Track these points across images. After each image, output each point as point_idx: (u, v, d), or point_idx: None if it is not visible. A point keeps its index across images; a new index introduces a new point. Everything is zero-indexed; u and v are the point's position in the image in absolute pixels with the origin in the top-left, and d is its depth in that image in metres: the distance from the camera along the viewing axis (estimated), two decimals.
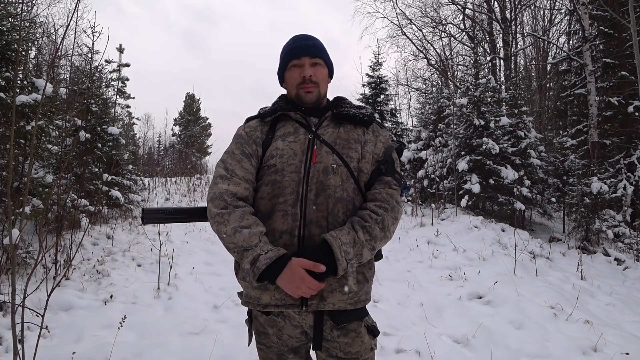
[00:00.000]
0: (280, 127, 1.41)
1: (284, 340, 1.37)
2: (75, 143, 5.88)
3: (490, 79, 9.94)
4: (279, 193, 1.29)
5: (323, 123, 1.40)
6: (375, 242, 1.27)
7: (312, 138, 1.35)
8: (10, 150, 2.10)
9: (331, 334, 1.32)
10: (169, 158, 21.75)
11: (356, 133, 1.38)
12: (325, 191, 1.28)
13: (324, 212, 1.27)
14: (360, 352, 1.33)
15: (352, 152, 1.34)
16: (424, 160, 10.30)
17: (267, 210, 1.30)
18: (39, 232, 4.04)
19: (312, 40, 1.42)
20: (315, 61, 1.40)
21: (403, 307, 3.98)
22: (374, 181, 1.35)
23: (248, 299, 1.34)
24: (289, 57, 1.41)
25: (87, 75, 7.24)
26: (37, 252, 3.30)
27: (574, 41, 12.85)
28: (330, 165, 1.31)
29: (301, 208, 1.26)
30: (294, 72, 1.40)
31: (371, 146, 1.38)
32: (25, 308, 2.15)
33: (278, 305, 1.27)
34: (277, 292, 1.26)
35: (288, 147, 1.34)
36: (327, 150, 1.33)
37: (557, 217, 10.17)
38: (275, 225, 1.27)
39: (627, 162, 8.99)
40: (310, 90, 1.38)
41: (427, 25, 18.40)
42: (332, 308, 1.27)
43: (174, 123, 28.42)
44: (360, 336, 1.33)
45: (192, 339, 3.20)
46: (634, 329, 3.77)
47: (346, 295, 1.27)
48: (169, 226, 7.06)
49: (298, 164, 1.31)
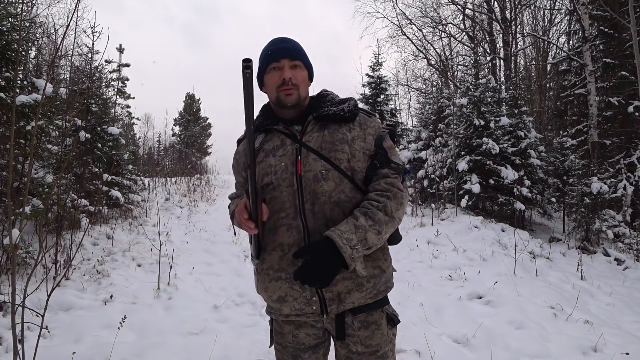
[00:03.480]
0: (268, 141, 1.41)
1: (300, 338, 1.39)
2: (75, 143, 5.88)
3: (490, 79, 9.94)
4: (280, 208, 1.31)
5: (307, 129, 1.38)
6: (380, 226, 1.26)
7: (299, 147, 1.34)
8: (10, 150, 2.10)
9: (352, 325, 1.34)
10: (169, 158, 21.73)
11: (341, 132, 1.36)
12: (319, 198, 1.29)
13: (323, 220, 1.29)
14: (380, 344, 1.35)
15: (339, 153, 1.33)
16: (424, 160, 10.29)
17: (271, 226, 1.33)
18: (39, 232, 4.05)
19: (290, 43, 1.40)
20: (295, 63, 1.38)
21: (403, 307, 3.97)
22: (371, 176, 1.35)
23: (270, 310, 1.42)
24: (268, 60, 1.38)
25: (87, 75, 7.24)
26: (37, 252, 3.30)
27: (574, 41, 12.85)
28: (320, 171, 1.31)
29: (302, 220, 1.29)
30: (274, 74, 1.37)
31: (360, 142, 1.36)
32: (25, 308, 2.15)
33: (298, 315, 1.33)
34: (296, 302, 1.30)
35: (279, 162, 1.34)
36: (314, 157, 1.32)
37: (557, 217, 10.16)
38: (282, 239, 1.31)
39: (627, 162, 8.99)
40: (290, 93, 1.36)
41: (427, 25, 18.39)
42: (352, 306, 1.31)
43: (174, 123, 28.40)
44: (381, 328, 1.36)
45: (192, 339, 3.20)
46: (634, 329, 3.77)
47: (364, 292, 1.30)
48: (169, 226, 7.07)
49: (290, 177, 1.32)
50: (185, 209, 8.94)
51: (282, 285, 1.31)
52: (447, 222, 7.50)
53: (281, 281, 1.31)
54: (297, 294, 1.30)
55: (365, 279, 1.30)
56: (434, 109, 11.08)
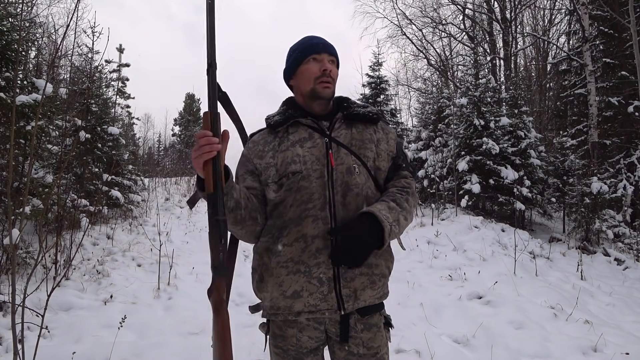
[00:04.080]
0: (293, 133, 1.39)
1: (303, 342, 1.37)
2: (75, 143, 5.88)
3: (490, 79, 9.93)
4: (308, 199, 1.30)
5: (335, 125, 1.40)
6: (406, 213, 1.32)
7: (329, 141, 1.36)
8: (10, 150, 2.10)
9: (355, 328, 1.34)
10: (169, 158, 21.76)
11: (368, 133, 1.41)
12: (352, 190, 1.31)
13: (354, 211, 1.29)
14: (380, 346, 1.37)
15: (367, 151, 1.37)
16: (424, 160, 10.29)
17: (295, 216, 1.30)
18: (39, 232, 4.05)
19: (327, 41, 1.44)
20: (333, 59, 1.41)
21: (403, 307, 3.98)
22: (392, 176, 1.42)
23: (275, 310, 1.34)
24: (307, 52, 1.39)
25: (87, 75, 7.24)
26: (37, 252, 3.30)
27: (574, 41, 12.83)
28: (352, 165, 1.33)
29: (330, 211, 1.28)
30: (313, 65, 1.37)
31: (384, 144, 1.42)
32: (25, 308, 2.15)
33: (312, 311, 1.29)
34: (311, 298, 1.27)
35: (309, 152, 1.34)
36: (345, 152, 1.34)
37: (557, 217, 10.16)
38: (306, 230, 1.28)
39: (627, 162, 8.99)
40: (327, 85, 1.37)
41: (427, 25, 18.40)
42: (364, 305, 1.31)
43: (174, 123, 28.48)
44: (381, 330, 1.38)
45: (192, 339, 3.20)
46: (634, 329, 3.77)
47: (376, 290, 1.33)
48: (169, 226, 7.07)
49: (322, 169, 1.32)
50: (185, 209, 8.95)
51: (299, 279, 1.28)
52: (447, 222, 7.50)
53: (299, 274, 1.27)
54: (314, 289, 1.27)
55: (378, 277, 1.32)
56: (434, 109, 11.08)
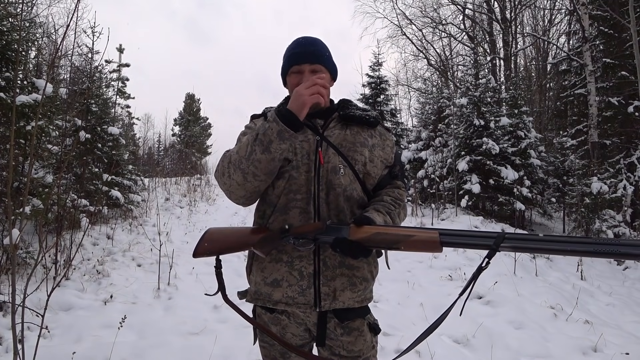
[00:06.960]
0: None
1: (287, 338, 1.39)
2: (75, 143, 5.88)
3: (490, 79, 9.94)
4: (296, 190, 1.32)
5: (330, 125, 1.41)
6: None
7: (320, 140, 1.37)
8: (11, 150, 2.10)
9: (334, 332, 1.35)
10: (169, 158, 21.75)
11: (362, 137, 1.40)
12: (334, 189, 1.32)
13: (335, 210, 1.31)
14: (362, 350, 1.36)
15: (357, 154, 1.37)
16: (424, 160, 10.30)
17: (282, 204, 1.33)
18: (39, 232, 4.05)
19: (313, 46, 1.41)
20: (314, 68, 1.40)
21: (403, 307, 3.98)
22: (385, 184, 1.43)
23: (257, 296, 1.38)
24: (290, 62, 1.42)
25: (87, 75, 7.24)
26: (37, 252, 3.30)
27: (574, 41, 12.84)
28: (338, 165, 1.34)
29: (314, 207, 1.31)
30: (294, 78, 1.41)
31: (379, 151, 1.43)
32: (25, 308, 2.15)
33: (289, 303, 1.30)
34: (289, 289, 1.29)
35: (300, 145, 1.35)
36: (333, 152, 1.35)
37: (557, 217, 10.17)
38: (292, 221, 1.31)
39: (627, 162, 8.98)
40: None
41: (427, 25, 18.43)
42: (342, 306, 1.31)
43: (174, 123, 28.45)
44: (363, 334, 1.36)
45: (192, 339, 3.20)
46: (634, 329, 3.77)
47: (355, 293, 1.31)
48: (169, 226, 7.07)
49: (309, 164, 1.34)
50: (185, 209, 8.95)
51: (281, 268, 1.31)
52: (447, 222, 7.51)
53: (282, 263, 1.31)
54: (294, 281, 1.29)
55: (359, 279, 1.32)
56: (434, 109, 11.09)
